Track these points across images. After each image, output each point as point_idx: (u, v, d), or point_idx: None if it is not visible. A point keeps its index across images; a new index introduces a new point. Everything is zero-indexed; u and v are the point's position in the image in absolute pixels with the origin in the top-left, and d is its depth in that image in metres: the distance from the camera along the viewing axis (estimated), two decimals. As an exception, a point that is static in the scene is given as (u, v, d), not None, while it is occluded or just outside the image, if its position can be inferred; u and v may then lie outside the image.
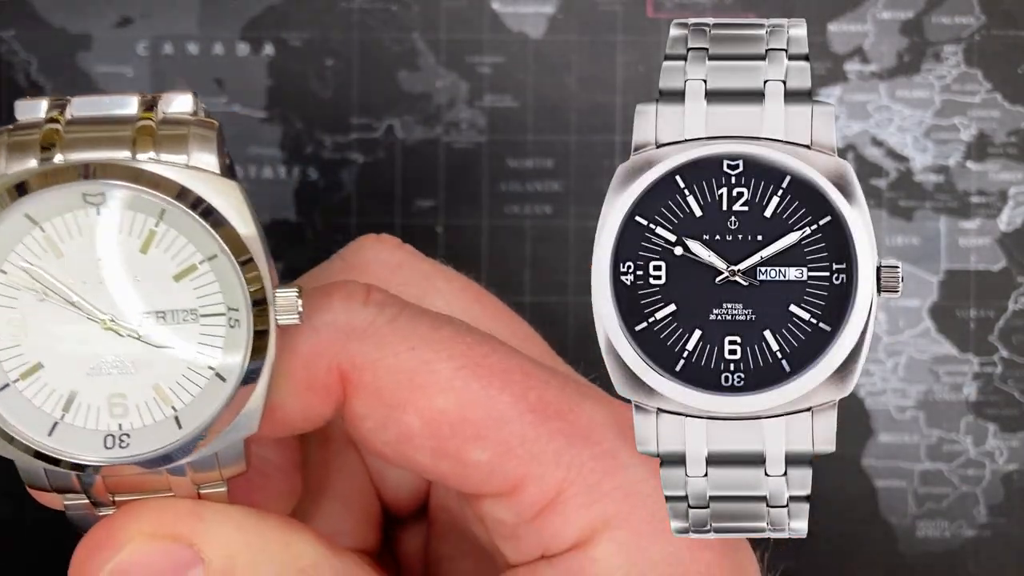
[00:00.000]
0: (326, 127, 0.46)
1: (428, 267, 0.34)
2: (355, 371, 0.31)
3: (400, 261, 0.34)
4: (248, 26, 0.46)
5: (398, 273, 0.34)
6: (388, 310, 0.31)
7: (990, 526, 0.46)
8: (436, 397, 0.30)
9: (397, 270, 0.34)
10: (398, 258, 0.34)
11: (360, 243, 0.34)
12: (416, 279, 0.34)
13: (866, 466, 0.46)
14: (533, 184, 0.46)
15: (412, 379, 0.30)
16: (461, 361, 0.31)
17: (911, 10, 0.46)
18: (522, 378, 0.31)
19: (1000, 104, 0.46)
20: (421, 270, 0.34)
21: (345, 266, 0.34)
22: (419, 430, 0.31)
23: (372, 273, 0.33)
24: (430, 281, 0.34)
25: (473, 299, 0.34)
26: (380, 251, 0.34)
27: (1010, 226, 0.46)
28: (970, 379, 0.46)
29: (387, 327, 0.31)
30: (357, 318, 0.31)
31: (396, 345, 0.31)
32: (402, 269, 0.34)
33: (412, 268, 0.34)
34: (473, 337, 0.31)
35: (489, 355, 0.31)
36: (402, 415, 0.31)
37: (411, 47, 0.46)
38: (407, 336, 0.31)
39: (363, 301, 0.31)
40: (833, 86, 0.46)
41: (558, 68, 0.46)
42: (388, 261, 0.34)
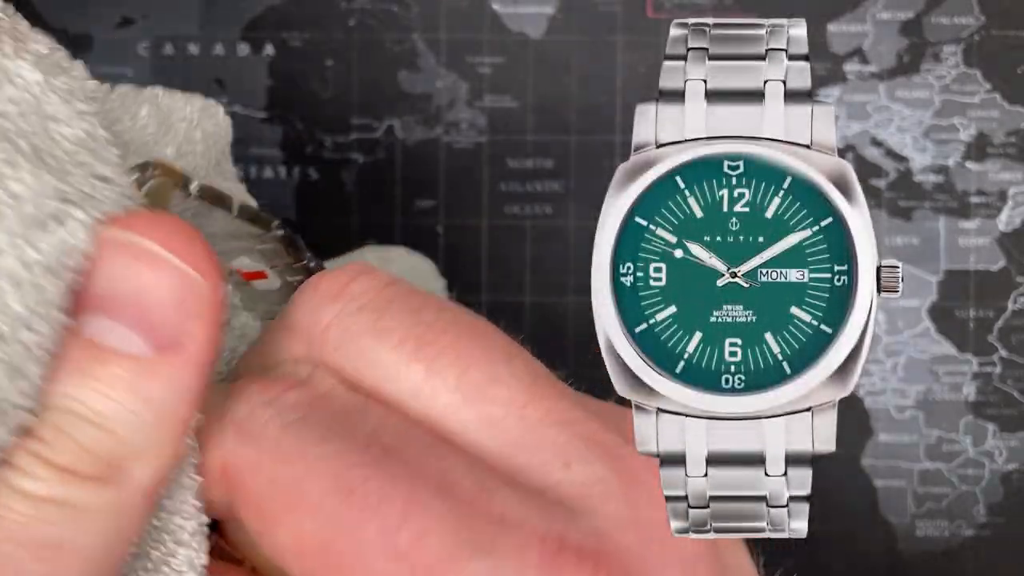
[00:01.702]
0: (326, 127, 0.46)
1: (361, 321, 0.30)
2: (236, 473, 0.29)
3: (332, 318, 0.30)
4: (249, 27, 0.46)
5: (327, 336, 0.30)
6: (286, 415, 0.29)
7: (989, 526, 0.46)
8: (303, 519, 0.28)
9: (327, 332, 0.30)
10: (331, 314, 0.30)
11: (301, 294, 0.31)
12: (346, 341, 0.30)
13: (865, 466, 0.46)
14: (533, 184, 0.46)
15: (283, 495, 0.28)
16: (332, 485, 0.28)
17: (910, 10, 0.46)
18: (400, 511, 0.28)
19: (999, 104, 0.46)
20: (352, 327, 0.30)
21: (282, 326, 0.31)
22: (289, 548, 0.28)
23: (305, 337, 0.31)
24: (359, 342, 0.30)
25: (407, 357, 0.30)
26: (313, 308, 0.31)
27: (1009, 226, 0.46)
28: (969, 379, 0.46)
29: (276, 434, 0.29)
30: (254, 418, 0.29)
31: (275, 454, 0.28)
32: (331, 329, 0.30)
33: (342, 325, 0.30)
34: (359, 457, 0.28)
35: (368, 480, 0.28)
36: (273, 528, 0.29)
37: (411, 47, 0.46)
38: (289, 447, 0.28)
39: (268, 400, 0.29)
40: (832, 86, 0.46)
41: (558, 68, 0.46)
42: (318, 321, 0.30)
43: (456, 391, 0.30)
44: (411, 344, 0.30)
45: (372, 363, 0.30)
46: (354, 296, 0.30)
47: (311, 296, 0.31)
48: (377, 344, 0.30)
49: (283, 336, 0.31)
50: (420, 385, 0.30)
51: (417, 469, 0.28)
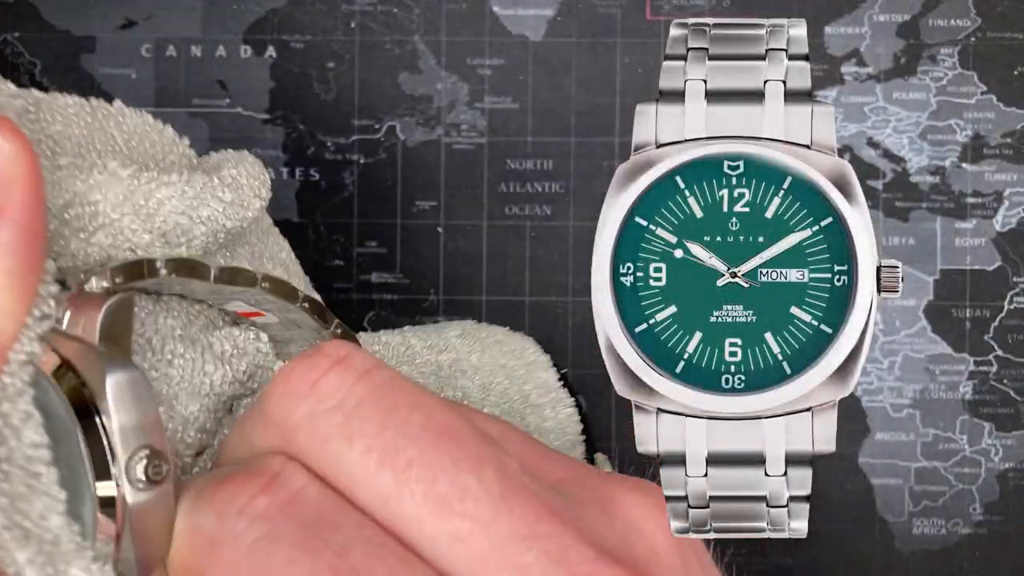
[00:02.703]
0: (328, 129, 0.46)
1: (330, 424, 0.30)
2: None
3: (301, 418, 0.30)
4: (251, 29, 0.46)
5: (297, 436, 0.30)
6: (255, 530, 0.28)
7: (985, 524, 0.46)
8: None
9: (296, 432, 0.30)
10: (301, 413, 0.30)
11: (275, 383, 0.30)
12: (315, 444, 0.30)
13: (862, 464, 0.46)
14: (533, 185, 0.46)
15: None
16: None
17: (907, 13, 0.46)
18: None
19: (995, 106, 0.46)
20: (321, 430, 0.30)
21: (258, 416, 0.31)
22: None
23: (275, 432, 0.30)
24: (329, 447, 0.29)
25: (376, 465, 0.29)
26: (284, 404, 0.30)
27: (1005, 226, 0.46)
28: (965, 378, 0.46)
29: (243, 550, 0.28)
30: (225, 531, 0.28)
31: (242, 573, 0.28)
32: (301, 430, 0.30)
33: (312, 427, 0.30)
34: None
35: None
36: None
37: (412, 49, 0.46)
38: (256, 566, 0.28)
39: (239, 509, 0.29)
40: (830, 88, 0.46)
41: (558, 70, 0.46)
42: (288, 419, 0.30)
43: (423, 504, 0.29)
44: (379, 452, 0.29)
45: (342, 469, 0.29)
46: (324, 395, 0.30)
47: (283, 388, 0.30)
48: (347, 449, 0.29)
49: (258, 424, 0.30)
50: (388, 495, 0.29)
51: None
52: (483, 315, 0.46)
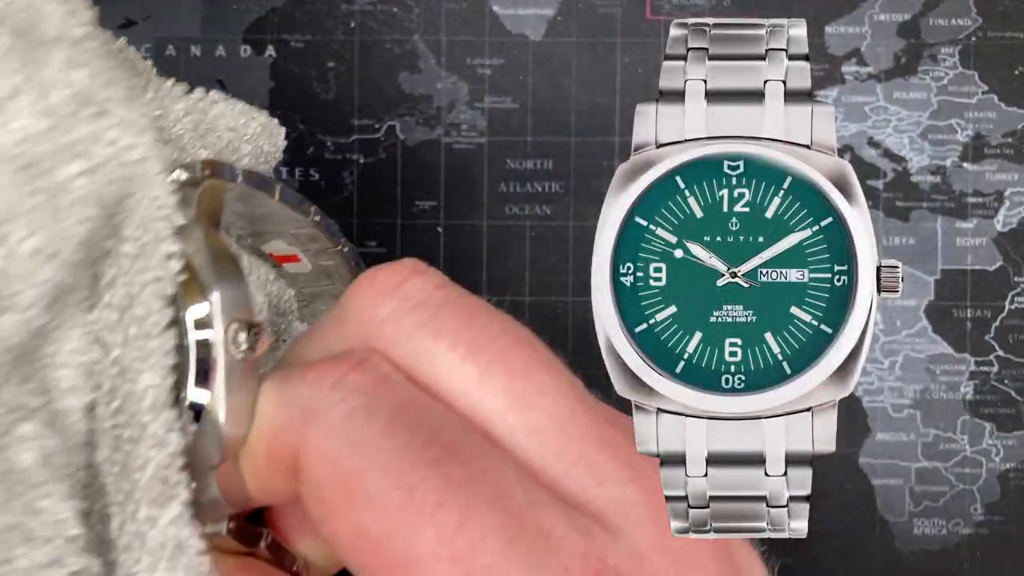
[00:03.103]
0: (327, 128, 0.46)
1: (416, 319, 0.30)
2: (302, 456, 0.29)
3: (388, 313, 0.31)
4: (250, 28, 0.46)
5: (383, 330, 0.31)
6: (352, 399, 0.29)
7: (986, 524, 0.46)
8: (361, 511, 0.28)
9: (383, 326, 0.31)
10: (387, 309, 0.31)
11: (357, 287, 0.31)
12: (401, 337, 0.30)
13: (863, 464, 0.46)
14: (533, 185, 0.46)
15: (345, 484, 0.28)
16: (393, 481, 0.28)
17: (908, 12, 0.46)
18: (457, 518, 0.28)
19: (996, 105, 0.46)
20: (408, 324, 0.30)
21: (339, 317, 0.31)
22: (345, 540, 0.29)
23: (359, 330, 0.31)
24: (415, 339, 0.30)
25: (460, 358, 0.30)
26: (369, 302, 0.31)
27: (1006, 226, 0.46)
28: (966, 378, 0.46)
29: (340, 418, 0.29)
30: (317, 401, 0.29)
31: (340, 441, 0.28)
32: (387, 324, 0.30)
33: (399, 321, 0.31)
34: (421, 454, 0.28)
35: (428, 480, 0.28)
36: (332, 516, 0.29)
37: (412, 49, 0.46)
38: (354, 434, 0.28)
39: (333, 383, 0.29)
40: (831, 88, 0.46)
41: (558, 70, 0.46)
42: (374, 315, 0.31)
43: (505, 396, 0.30)
44: (464, 347, 0.30)
45: (426, 361, 0.30)
46: (409, 294, 0.31)
47: (367, 290, 0.31)
48: (432, 343, 0.30)
49: (338, 327, 0.31)
50: (471, 387, 0.30)
51: (473, 473, 0.28)
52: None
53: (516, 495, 0.29)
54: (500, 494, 0.29)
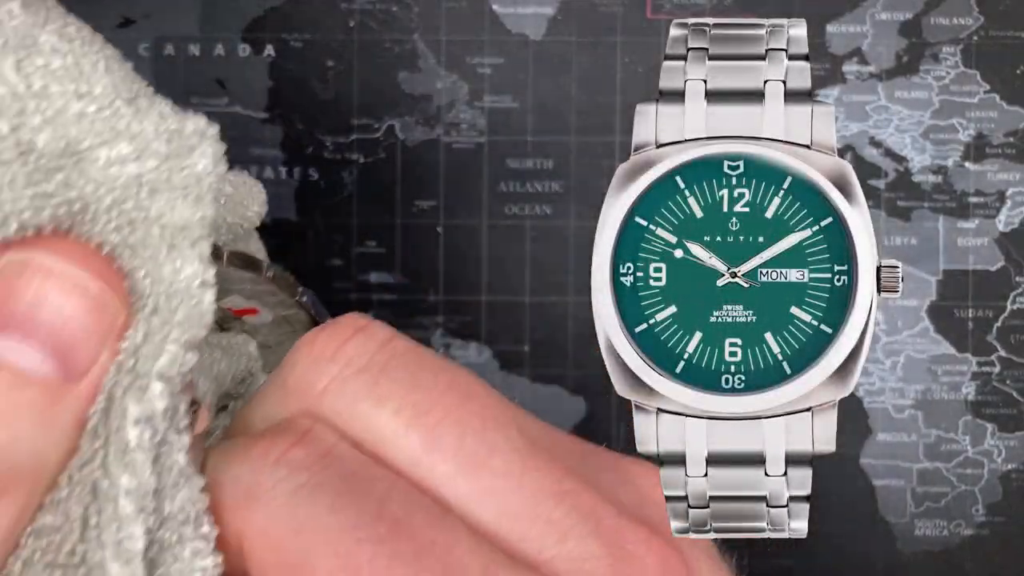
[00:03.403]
0: (327, 128, 0.46)
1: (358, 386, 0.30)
2: (246, 540, 0.28)
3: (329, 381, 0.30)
4: (249, 27, 0.46)
5: (323, 400, 0.30)
6: (294, 476, 0.28)
7: (988, 525, 0.46)
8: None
9: (323, 396, 0.30)
10: (327, 376, 0.30)
11: (298, 351, 0.30)
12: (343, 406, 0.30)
13: (864, 465, 0.46)
14: (533, 184, 0.46)
15: (292, 566, 0.28)
16: (340, 562, 0.27)
17: (909, 11, 0.46)
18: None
19: (998, 105, 0.46)
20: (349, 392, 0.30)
21: (280, 384, 0.31)
22: None
23: (302, 399, 0.30)
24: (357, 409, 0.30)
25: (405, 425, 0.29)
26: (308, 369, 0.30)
27: (1008, 226, 0.46)
28: (968, 379, 0.46)
29: (283, 498, 0.28)
30: (260, 479, 0.28)
31: (285, 522, 0.28)
32: (328, 393, 0.30)
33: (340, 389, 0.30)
34: (368, 532, 0.28)
35: (375, 559, 0.27)
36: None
37: (411, 48, 0.46)
38: (298, 515, 0.28)
39: (275, 459, 0.28)
40: (832, 87, 0.46)
41: (558, 69, 0.46)
42: (315, 383, 0.30)
43: (454, 460, 0.29)
44: (408, 412, 0.29)
45: (371, 429, 0.29)
46: (350, 358, 0.30)
47: (307, 355, 0.30)
48: (375, 411, 0.29)
49: (279, 395, 0.30)
50: (418, 454, 0.29)
51: (423, 545, 0.28)
52: (483, 315, 0.46)
53: (470, 564, 0.28)
54: (452, 564, 0.28)
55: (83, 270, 0.27)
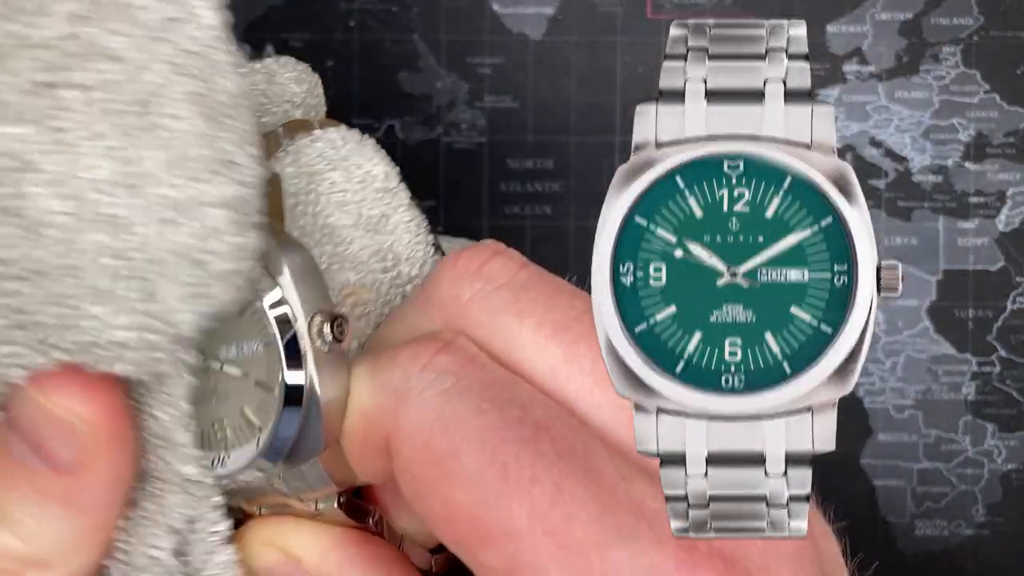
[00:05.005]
0: (327, 128, 0.46)
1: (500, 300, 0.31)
2: (395, 437, 0.30)
3: (472, 295, 0.31)
4: (249, 27, 0.46)
5: (468, 311, 0.31)
6: (443, 380, 0.30)
7: (988, 525, 0.46)
8: (457, 489, 0.29)
9: (467, 307, 0.31)
10: (470, 291, 0.31)
11: (440, 269, 0.32)
12: (485, 318, 0.31)
13: (865, 465, 0.46)
14: (533, 184, 0.46)
15: (439, 462, 0.29)
16: (488, 457, 0.29)
17: (910, 11, 0.46)
18: (551, 492, 0.28)
19: (998, 105, 0.46)
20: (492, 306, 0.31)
21: (423, 299, 0.32)
22: (439, 516, 0.29)
23: (444, 312, 0.32)
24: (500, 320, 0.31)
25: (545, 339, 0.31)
26: (452, 283, 0.32)
27: (1008, 226, 0.46)
28: (968, 379, 0.46)
29: (433, 400, 0.29)
30: (409, 382, 0.30)
31: (433, 421, 0.29)
32: (471, 305, 0.31)
33: (483, 303, 0.31)
34: (513, 432, 0.29)
35: (521, 457, 0.29)
36: (426, 494, 0.30)
37: (411, 48, 0.46)
38: (446, 414, 0.29)
39: (423, 364, 0.30)
40: (832, 87, 0.46)
41: (558, 69, 0.46)
42: (458, 297, 0.31)
43: (591, 374, 0.30)
44: (549, 327, 0.31)
45: (511, 341, 0.31)
46: (492, 275, 0.31)
47: (449, 273, 0.32)
48: (517, 324, 0.31)
49: (422, 309, 0.32)
50: (557, 366, 0.31)
51: (565, 449, 0.29)
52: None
53: (607, 470, 0.29)
54: (592, 469, 0.29)
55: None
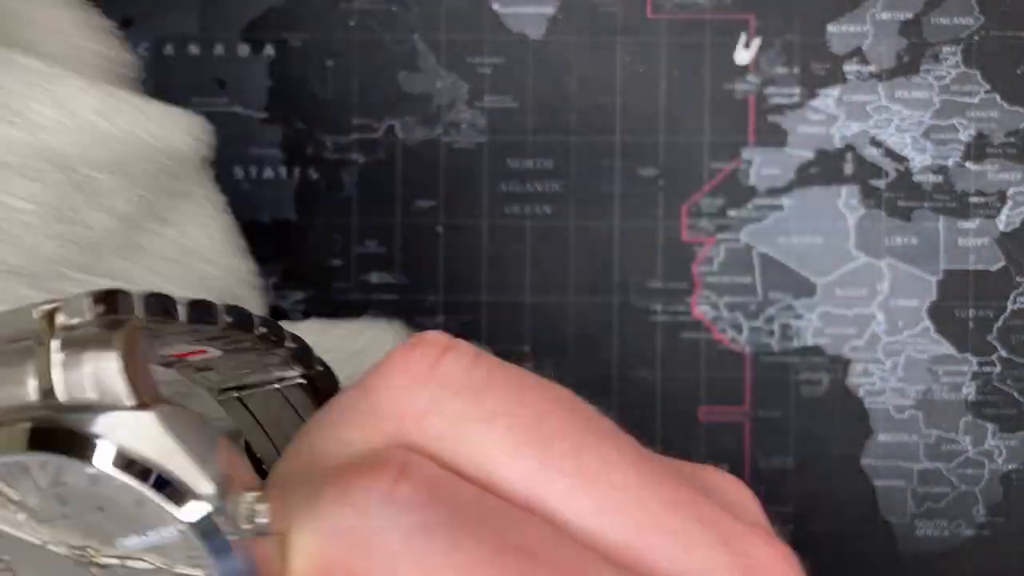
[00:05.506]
0: (327, 128, 0.46)
1: (461, 406, 0.28)
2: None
3: (428, 403, 0.28)
4: (249, 27, 0.46)
5: (424, 424, 0.28)
6: (408, 515, 0.27)
7: (989, 525, 0.46)
8: None
9: (423, 420, 0.28)
10: (426, 398, 0.28)
11: (387, 373, 0.29)
12: (447, 429, 0.28)
13: (865, 466, 0.46)
14: (533, 184, 0.46)
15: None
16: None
17: (910, 11, 0.46)
18: None
19: (999, 104, 0.46)
20: (453, 414, 0.28)
21: (367, 409, 0.29)
22: None
23: (394, 425, 0.28)
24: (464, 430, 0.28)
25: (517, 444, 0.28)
26: (405, 391, 0.29)
27: (1009, 226, 0.46)
28: (969, 379, 0.46)
29: (399, 544, 0.26)
30: (369, 524, 0.27)
31: (409, 569, 0.26)
32: (429, 417, 0.28)
33: (442, 412, 0.28)
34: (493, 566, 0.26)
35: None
36: None
37: (411, 48, 0.46)
38: (418, 560, 0.26)
39: (382, 498, 0.27)
40: (832, 87, 0.46)
41: (558, 69, 0.46)
42: (412, 407, 0.28)
43: (572, 477, 0.28)
44: (520, 430, 0.28)
45: (480, 452, 0.28)
46: (447, 378, 0.28)
47: (400, 377, 0.29)
48: (484, 430, 0.28)
49: (362, 422, 0.29)
50: (533, 473, 0.28)
51: (554, 572, 0.27)
52: (483, 315, 0.46)
53: None
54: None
55: None
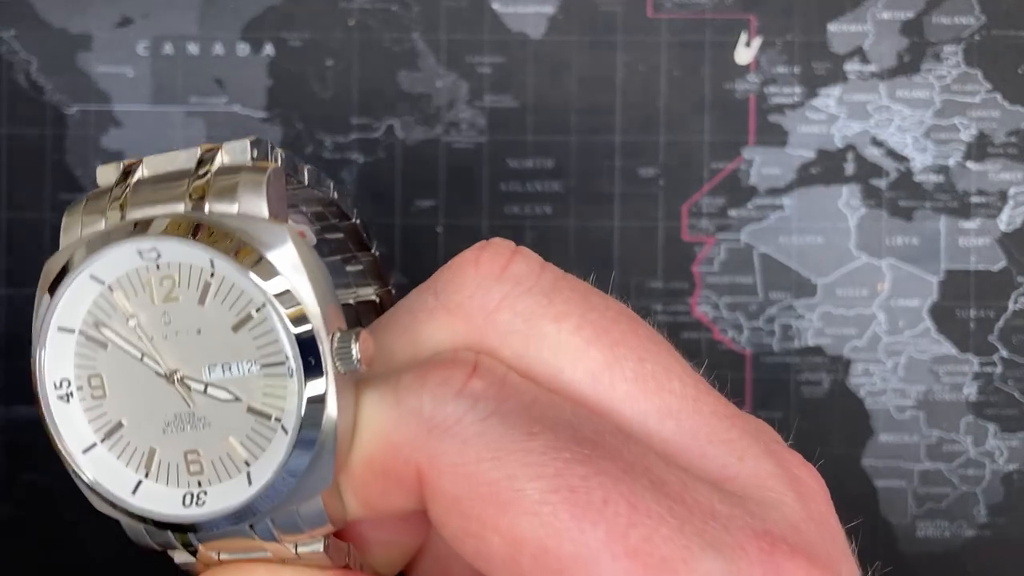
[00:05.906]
0: (326, 127, 0.46)
1: (533, 303, 0.29)
2: (432, 473, 0.27)
3: (501, 299, 0.29)
4: (248, 26, 0.46)
5: (497, 318, 0.29)
6: (482, 406, 0.27)
7: (990, 526, 0.46)
8: (519, 520, 0.26)
9: (496, 314, 0.29)
10: (499, 295, 0.29)
11: (459, 271, 0.30)
12: (519, 324, 0.29)
13: (866, 466, 0.46)
14: (533, 184, 0.46)
15: (494, 494, 0.26)
16: (551, 483, 0.26)
17: (911, 10, 0.46)
18: (626, 511, 0.26)
19: (1000, 104, 0.46)
20: (525, 310, 0.29)
21: (438, 306, 0.29)
22: (498, 552, 0.27)
23: (469, 322, 0.29)
24: (535, 326, 0.29)
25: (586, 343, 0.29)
26: (478, 287, 0.29)
27: (1010, 226, 0.46)
28: (970, 379, 0.46)
29: (474, 428, 0.27)
30: (445, 412, 0.27)
31: (480, 451, 0.27)
32: (501, 311, 0.29)
33: (514, 307, 0.29)
34: (572, 452, 0.27)
35: (588, 478, 0.26)
36: (481, 531, 0.27)
37: (411, 47, 0.46)
38: (494, 442, 0.27)
39: (457, 391, 0.27)
40: (833, 86, 0.46)
41: (558, 68, 0.46)
42: (485, 303, 0.29)
43: (635, 381, 0.29)
44: (589, 330, 0.29)
45: (549, 348, 0.29)
46: (518, 277, 0.29)
47: (472, 275, 0.29)
48: (553, 329, 0.29)
49: (439, 319, 0.29)
50: (599, 372, 0.29)
51: (626, 464, 0.27)
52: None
53: (670, 479, 0.28)
54: (657, 481, 0.27)
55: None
